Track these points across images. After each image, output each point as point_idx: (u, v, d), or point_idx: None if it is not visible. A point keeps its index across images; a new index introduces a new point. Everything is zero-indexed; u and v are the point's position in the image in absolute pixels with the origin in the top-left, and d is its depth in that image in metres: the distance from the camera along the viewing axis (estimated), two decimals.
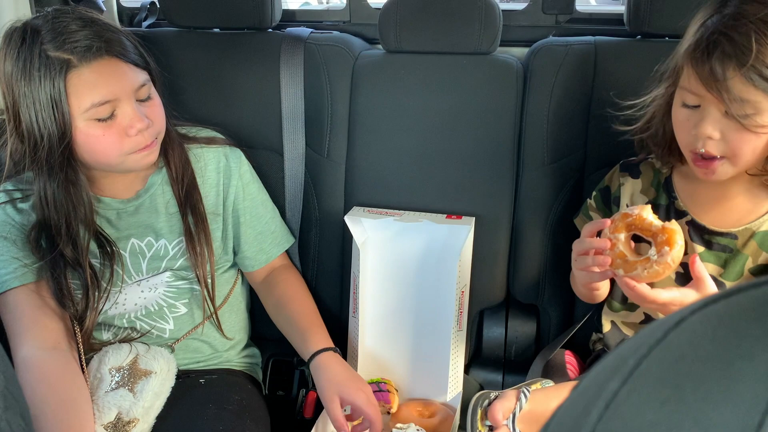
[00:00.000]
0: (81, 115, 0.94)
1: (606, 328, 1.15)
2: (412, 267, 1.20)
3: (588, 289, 1.02)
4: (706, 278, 0.88)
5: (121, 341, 1.10)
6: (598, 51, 1.22)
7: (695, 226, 0.99)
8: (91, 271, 1.04)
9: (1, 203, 1.04)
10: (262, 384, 1.29)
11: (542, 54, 1.25)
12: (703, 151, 0.88)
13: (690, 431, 0.27)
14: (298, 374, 1.30)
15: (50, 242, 1.01)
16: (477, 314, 1.33)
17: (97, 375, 1.02)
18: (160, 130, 1.04)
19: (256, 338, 1.32)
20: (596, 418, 0.30)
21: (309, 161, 1.31)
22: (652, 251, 0.86)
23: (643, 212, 0.88)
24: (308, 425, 1.12)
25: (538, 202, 1.25)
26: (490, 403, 0.94)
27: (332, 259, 1.33)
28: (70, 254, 1.01)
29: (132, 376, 1.02)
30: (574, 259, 0.95)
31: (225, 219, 1.17)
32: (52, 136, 0.94)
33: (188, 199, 1.11)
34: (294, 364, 1.30)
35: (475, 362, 1.35)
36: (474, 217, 1.23)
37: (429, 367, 1.22)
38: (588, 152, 1.23)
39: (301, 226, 1.32)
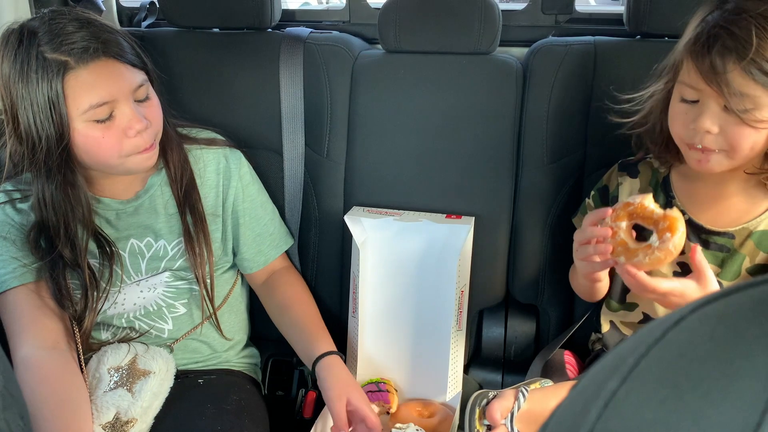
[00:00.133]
0: (79, 117, 0.94)
1: (605, 327, 1.15)
2: (411, 267, 1.20)
3: (589, 280, 1.01)
4: (706, 269, 0.88)
5: (119, 341, 1.10)
6: (597, 51, 1.22)
7: (693, 226, 0.99)
8: (90, 271, 1.04)
9: (0, 203, 1.04)
10: (261, 384, 1.29)
11: (542, 54, 1.25)
12: (701, 146, 0.88)
13: (689, 430, 0.27)
14: (298, 374, 1.30)
15: (49, 243, 1.01)
16: (476, 314, 1.33)
17: (96, 375, 1.03)
18: (158, 130, 1.04)
19: (255, 338, 1.32)
20: (595, 417, 0.30)
21: (308, 161, 1.30)
22: (653, 238, 0.86)
23: (645, 200, 0.88)
24: (307, 425, 1.12)
25: (537, 202, 1.26)
26: (488, 403, 0.94)
27: (332, 259, 1.33)
28: (69, 255, 1.01)
29: (130, 376, 1.02)
30: (576, 249, 0.94)
31: (224, 220, 1.16)
32: (50, 138, 0.94)
33: (187, 199, 1.10)
34: (293, 364, 1.30)
35: (474, 362, 1.35)
36: (473, 217, 1.23)
37: (428, 367, 1.22)
38: (587, 152, 1.23)
39: (300, 226, 1.32)
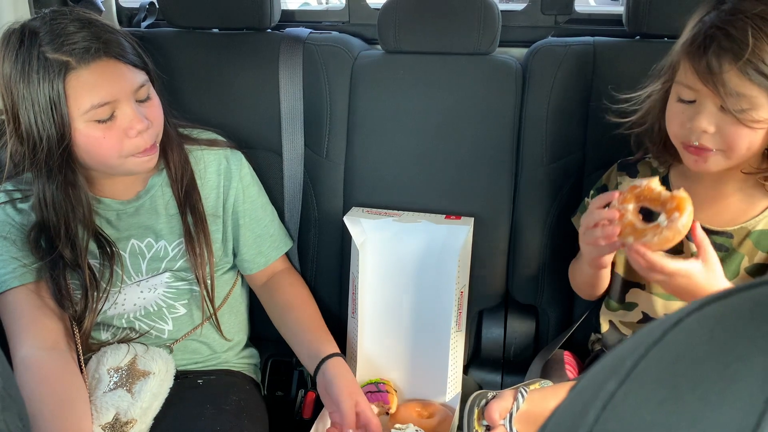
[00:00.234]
0: (80, 117, 0.94)
1: (604, 327, 1.15)
2: (411, 267, 1.20)
3: (594, 266, 0.99)
4: (707, 245, 0.88)
5: (119, 341, 1.09)
6: (597, 51, 1.22)
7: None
8: (90, 271, 1.04)
9: (1, 203, 1.04)
10: (260, 384, 1.29)
11: (541, 54, 1.25)
12: (697, 144, 0.89)
13: None
14: (297, 375, 1.30)
15: (49, 243, 1.01)
16: (476, 314, 1.33)
17: (96, 375, 1.02)
18: (159, 131, 1.04)
19: (255, 339, 1.32)
20: (594, 418, 0.30)
21: (308, 161, 1.30)
22: (661, 218, 0.85)
23: (651, 183, 0.88)
24: (307, 425, 1.12)
25: (537, 203, 1.25)
26: (487, 403, 0.94)
27: (331, 260, 1.33)
28: (69, 255, 1.01)
29: (130, 377, 1.02)
30: (583, 233, 0.94)
31: (225, 221, 1.16)
32: (51, 138, 0.94)
33: (188, 200, 1.10)
34: (293, 364, 1.30)
35: (474, 362, 1.35)
36: (473, 218, 1.23)
37: (428, 368, 1.22)
38: (587, 152, 1.23)
39: (300, 227, 1.32)
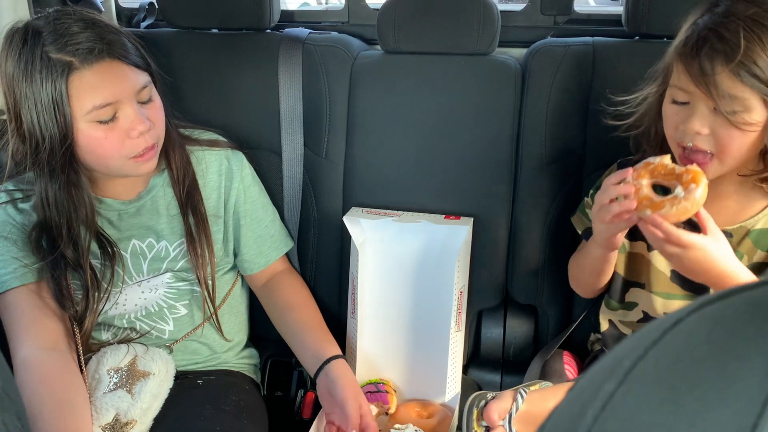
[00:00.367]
0: (83, 118, 0.94)
1: (604, 327, 1.15)
2: (410, 267, 1.20)
3: (606, 248, 0.98)
4: (713, 224, 0.88)
5: (120, 342, 1.09)
6: (596, 51, 1.22)
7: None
8: (92, 272, 1.04)
9: (1, 203, 1.04)
10: (260, 384, 1.29)
11: (541, 55, 1.25)
12: (691, 144, 0.89)
13: None
14: (297, 375, 1.30)
15: (51, 243, 1.01)
16: (475, 314, 1.33)
17: (96, 376, 1.02)
18: (161, 132, 1.04)
19: (254, 339, 1.32)
20: (592, 419, 0.30)
21: (307, 162, 1.30)
22: (678, 190, 0.86)
23: (664, 160, 0.89)
24: (306, 426, 1.12)
25: (536, 203, 1.26)
26: (486, 404, 0.94)
27: (331, 260, 1.33)
28: (71, 255, 1.01)
29: (130, 378, 1.02)
30: (597, 211, 0.93)
31: (226, 222, 1.16)
32: (54, 138, 0.94)
33: (189, 201, 1.10)
34: (292, 364, 1.30)
35: (473, 363, 1.36)
36: (472, 218, 1.23)
37: (427, 368, 1.22)
38: (586, 153, 1.23)
39: (299, 227, 1.32)
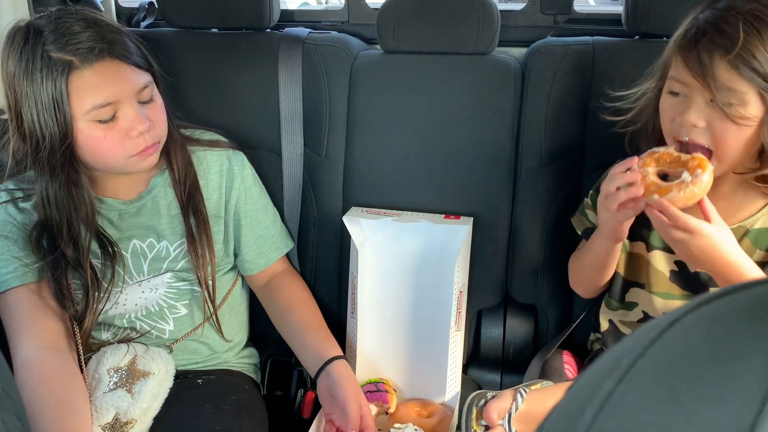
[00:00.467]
0: (82, 117, 0.94)
1: (604, 326, 1.15)
2: (410, 267, 1.20)
3: (612, 239, 0.98)
4: (716, 213, 0.88)
5: (120, 341, 1.09)
6: (596, 51, 1.22)
7: None
8: (92, 271, 1.04)
9: (2, 202, 1.04)
10: (260, 384, 1.29)
11: (540, 54, 1.25)
12: (687, 139, 0.89)
13: (684, 431, 0.27)
14: (297, 374, 1.30)
15: (51, 242, 1.01)
16: (475, 314, 1.33)
17: (96, 375, 1.02)
18: (161, 134, 1.04)
19: (254, 339, 1.32)
20: (591, 418, 0.30)
21: (307, 161, 1.30)
22: (685, 175, 0.86)
23: (669, 149, 0.90)
24: (306, 425, 1.12)
25: (536, 202, 1.26)
26: (486, 403, 0.94)
27: (330, 260, 1.33)
28: (71, 254, 1.01)
29: (130, 377, 1.02)
30: (603, 201, 0.93)
31: (226, 222, 1.16)
32: (54, 137, 0.94)
33: (190, 201, 1.11)
34: (292, 364, 1.30)
35: (473, 362, 1.36)
36: (472, 217, 1.23)
37: (427, 367, 1.22)
38: (586, 152, 1.23)
39: (299, 227, 1.32)
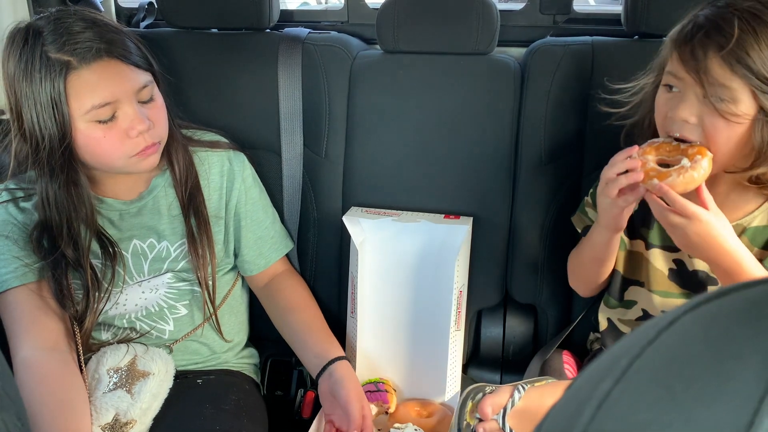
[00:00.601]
0: (81, 117, 0.94)
1: (602, 325, 1.15)
2: (410, 267, 1.20)
3: (611, 228, 0.98)
4: (713, 203, 0.88)
5: (120, 342, 1.09)
6: (595, 51, 1.22)
7: None
8: (92, 271, 1.04)
9: (2, 202, 1.04)
10: (260, 384, 1.29)
11: (540, 54, 1.25)
12: (678, 135, 0.89)
13: (681, 431, 0.27)
14: (297, 374, 1.30)
15: (52, 242, 1.01)
16: (475, 314, 1.33)
17: (95, 376, 1.02)
18: (161, 134, 1.04)
19: (254, 339, 1.32)
20: (589, 417, 0.30)
21: (307, 161, 1.31)
22: (684, 161, 0.87)
23: (669, 139, 0.91)
24: (306, 425, 1.12)
25: (535, 202, 1.26)
26: (483, 396, 0.94)
27: (330, 260, 1.33)
28: (72, 255, 1.01)
29: (130, 377, 1.02)
30: (603, 188, 0.94)
31: (227, 222, 1.17)
32: (53, 138, 0.94)
33: (191, 202, 1.11)
34: (292, 364, 1.30)
35: (473, 362, 1.36)
36: (472, 217, 1.23)
37: (427, 367, 1.22)
38: (585, 152, 1.23)
39: (299, 227, 1.32)
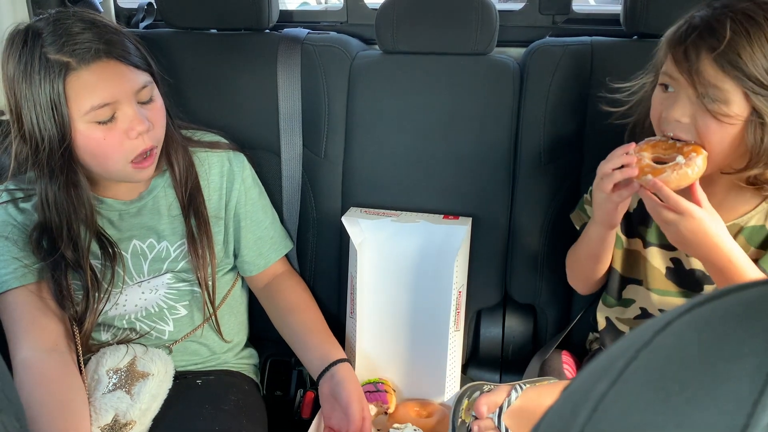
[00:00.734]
0: (81, 118, 0.95)
1: (601, 324, 1.15)
2: (409, 267, 1.20)
3: (606, 225, 0.99)
4: (707, 201, 0.89)
5: (119, 342, 1.09)
6: (594, 51, 1.22)
7: None
8: (92, 272, 1.04)
9: (2, 203, 1.04)
10: (260, 384, 1.29)
11: (539, 54, 1.25)
12: (671, 134, 0.90)
13: None
14: (296, 374, 1.30)
15: (51, 243, 1.01)
16: (474, 314, 1.33)
17: (95, 376, 1.02)
18: (160, 136, 1.04)
19: (254, 339, 1.32)
20: (584, 419, 0.30)
21: (306, 162, 1.31)
22: (679, 158, 0.88)
23: (664, 137, 0.92)
24: (306, 425, 1.12)
25: (534, 202, 1.26)
26: (480, 395, 0.94)
27: (330, 260, 1.33)
28: (71, 256, 1.01)
29: (129, 378, 1.03)
30: (598, 183, 0.94)
31: (226, 223, 1.17)
32: (53, 139, 0.95)
33: (191, 202, 1.11)
34: (292, 364, 1.30)
35: (472, 362, 1.36)
36: (471, 218, 1.23)
37: (426, 368, 1.22)
38: (585, 152, 1.23)
39: (298, 227, 1.32)
